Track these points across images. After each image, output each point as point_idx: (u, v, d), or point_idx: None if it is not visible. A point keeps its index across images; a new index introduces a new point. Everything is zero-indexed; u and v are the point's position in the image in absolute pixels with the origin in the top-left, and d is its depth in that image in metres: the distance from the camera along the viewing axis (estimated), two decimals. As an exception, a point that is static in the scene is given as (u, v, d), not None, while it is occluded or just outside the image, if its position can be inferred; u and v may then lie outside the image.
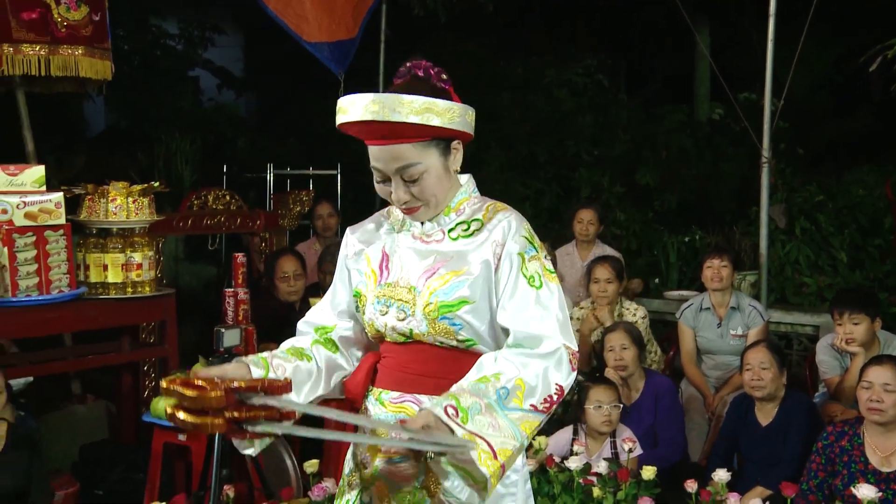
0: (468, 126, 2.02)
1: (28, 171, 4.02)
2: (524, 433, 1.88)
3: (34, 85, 4.99)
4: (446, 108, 1.95)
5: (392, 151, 1.96)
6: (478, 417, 1.83)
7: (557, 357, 1.94)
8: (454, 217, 2.09)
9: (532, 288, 1.99)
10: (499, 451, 1.82)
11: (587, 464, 3.71)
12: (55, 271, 3.99)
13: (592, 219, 5.89)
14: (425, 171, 1.99)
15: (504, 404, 1.88)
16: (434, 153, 2.00)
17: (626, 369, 4.53)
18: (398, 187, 2.01)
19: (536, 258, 2.03)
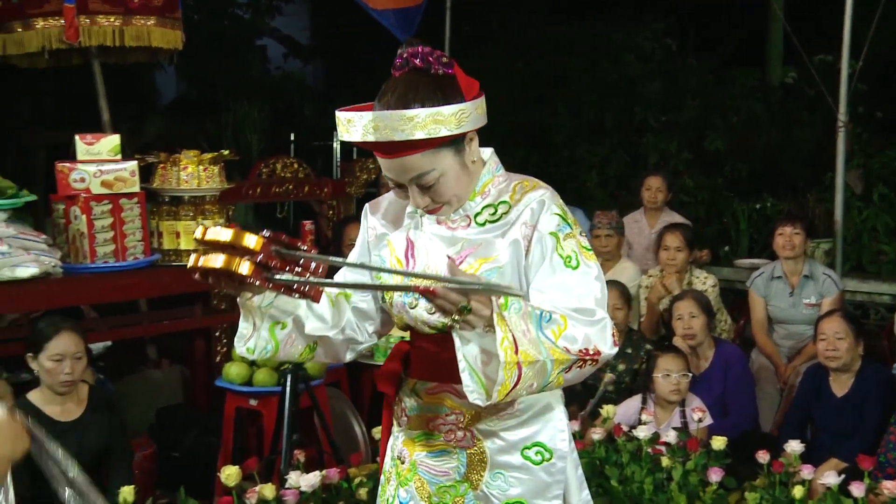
0: (480, 119, 1.89)
1: (104, 141, 4.10)
2: (551, 356, 1.76)
3: (109, 55, 5.09)
4: (453, 112, 1.81)
5: (402, 163, 1.85)
6: (514, 315, 1.73)
7: (602, 325, 1.86)
8: (480, 200, 1.98)
9: (569, 269, 1.90)
10: (522, 350, 1.72)
11: (656, 433, 3.68)
12: (130, 238, 4.08)
13: (661, 186, 5.82)
14: (441, 175, 1.88)
15: (542, 325, 1.78)
16: (447, 155, 1.87)
17: (694, 338, 4.47)
18: (415, 194, 1.91)
19: (571, 236, 1.93)
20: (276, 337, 1.95)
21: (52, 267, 3.77)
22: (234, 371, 4.06)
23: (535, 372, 1.75)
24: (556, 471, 2.03)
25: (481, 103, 1.89)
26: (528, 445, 2.02)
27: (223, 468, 3.23)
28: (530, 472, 2.02)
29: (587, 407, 4.32)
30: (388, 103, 1.82)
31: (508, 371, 1.70)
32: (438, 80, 1.85)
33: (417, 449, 2.08)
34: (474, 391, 1.75)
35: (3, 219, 3.65)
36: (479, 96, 1.89)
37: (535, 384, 1.78)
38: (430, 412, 2.04)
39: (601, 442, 3.62)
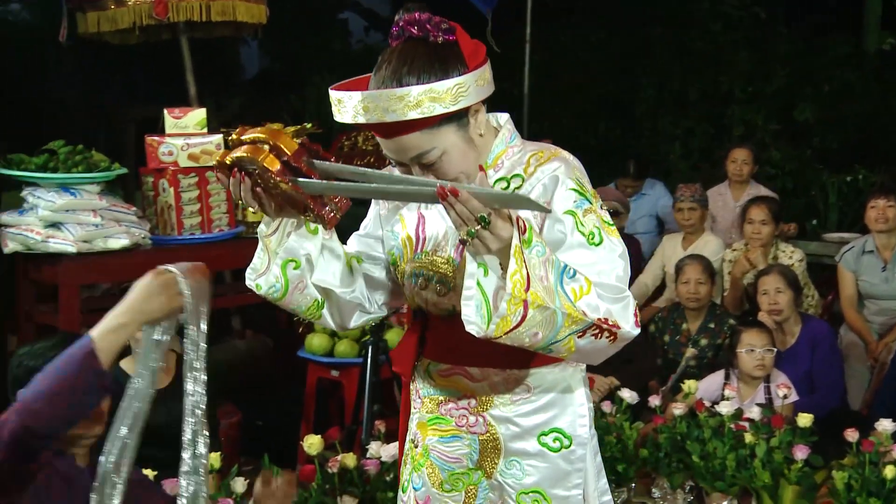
0: (484, 90, 1.75)
1: (191, 114, 4.18)
2: (564, 310, 1.62)
3: (195, 30, 5.17)
4: (448, 88, 1.67)
5: (399, 143, 1.73)
6: (535, 257, 1.60)
7: (625, 302, 1.72)
8: (492, 174, 1.85)
9: (593, 246, 1.76)
10: (533, 290, 1.58)
11: (739, 409, 3.62)
12: (216, 211, 4.16)
13: (747, 158, 5.69)
14: (443, 153, 1.74)
15: (563, 280, 1.64)
16: (449, 131, 1.74)
17: (780, 313, 4.38)
18: (418, 174, 1.78)
19: (591, 210, 1.78)
20: (286, 275, 1.89)
21: (141, 238, 3.88)
22: (316, 342, 4.13)
23: (544, 319, 1.62)
24: (576, 458, 1.94)
25: (484, 72, 1.74)
26: (546, 431, 1.93)
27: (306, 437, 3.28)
28: (547, 460, 1.93)
29: (668, 382, 4.29)
30: (382, 79, 1.70)
31: (513, 305, 1.58)
32: (437, 49, 1.71)
33: (429, 433, 2.02)
34: (474, 321, 1.62)
35: (97, 191, 3.76)
36: (483, 63, 1.74)
37: (541, 334, 1.64)
38: (442, 395, 1.99)
39: (682, 417, 3.58)
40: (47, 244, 3.62)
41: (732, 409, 3.56)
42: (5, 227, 3.72)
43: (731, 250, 5.22)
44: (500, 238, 1.57)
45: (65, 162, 3.69)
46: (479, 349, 1.77)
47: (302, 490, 3.18)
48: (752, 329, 4.09)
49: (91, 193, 3.72)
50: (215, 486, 3.15)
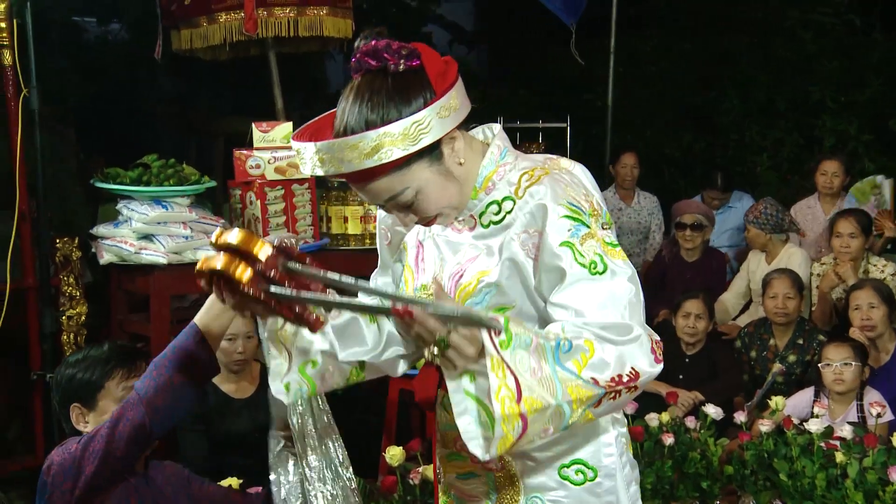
0: (449, 122, 1.59)
1: (278, 128, 4.27)
2: (568, 397, 1.50)
3: (283, 45, 5.28)
4: (406, 129, 1.53)
5: (369, 189, 1.63)
6: (521, 352, 1.48)
7: (639, 342, 1.59)
8: (483, 197, 1.72)
9: (596, 276, 1.62)
10: (526, 398, 1.46)
11: (829, 427, 3.53)
12: (301, 223, 4.23)
13: (838, 170, 5.55)
14: (417, 191, 1.63)
15: (560, 358, 1.51)
16: (421, 168, 1.62)
17: (874, 329, 4.25)
18: (398, 214, 1.69)
19: (590, 235, 1.64)
20: (307, 376, 1.83)
21: (229, 250, 3.96)
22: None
23: (548, 418, 1.51)
24: (604, 491, 1.78)
25: (451, 99, 1.58)
26: (567, 464, 1.78)
27: (388, 448, 3.31)
28: (571, 494, 1.78)
29: (754, 398, 4.20)
30: (338, 124, 1.61)
31: (508, 424, 1.47)
32: (399, 79, 1.58)
33: (448, 469, 1.94)
34: (475, 435, 1.52)
35: (187, 204, 3.86)
36: (452, 85, 1.59)
37: (552, 428, 1.54)
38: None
39: (769, 434, 3.51)
40: (140, 255, 3.74)
41: (822, 426, 3.48)
42: (101, 239, 3.85)
43: (820, 264, 5.09)
44: (464, 356, 1.48)
45: (157, 175, 3.81)
46: None
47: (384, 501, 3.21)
48: (833, 343, 4.00)
49: (182, 206, 3.83)
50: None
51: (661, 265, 5.55)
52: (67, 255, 3.94)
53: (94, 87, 8.11)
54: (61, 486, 2.14)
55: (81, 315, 3.93)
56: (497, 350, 1.46)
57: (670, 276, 5.44)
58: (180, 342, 2.00)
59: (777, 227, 5.16)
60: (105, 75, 8.48)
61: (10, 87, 3.81)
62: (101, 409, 2.32)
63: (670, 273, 5.45)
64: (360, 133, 1.54)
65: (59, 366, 2.47)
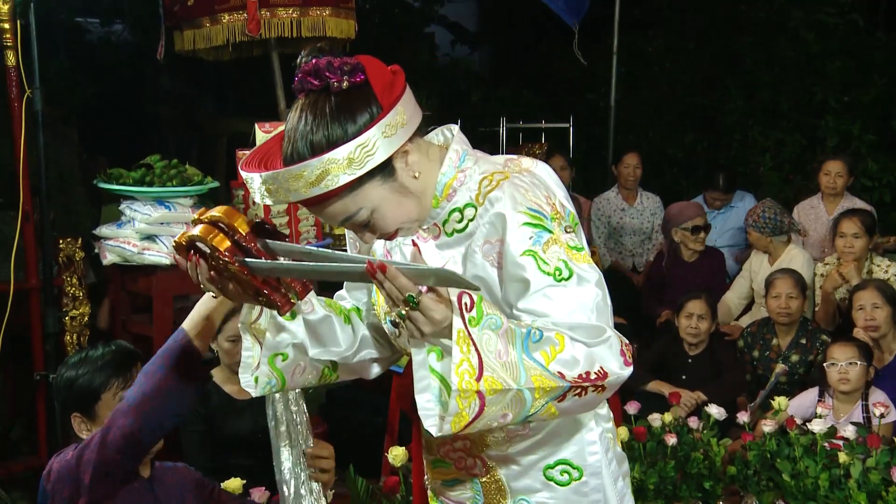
0: (397, 139, 1.54)
1: (281, 129, 4.26)
2: (531, 384, 1.47)
3: (285, 46, 5.28)
4: (350, 153, 1.49)
5: (324, 212, 1.60)
6: (489, 332, 1.45)
7: (608, 343, 1.56)
8: (445, 205, 1.67)
9: (562, 282, 1.58)
10: (487, 377, 1.44)
11: (833, 427, 3.53)
12: (304, 223, 4.24)
13: (841, 170, 5.54)
14: (372, 210, 1.59)
15: (528, 346, 1.48)
16: (373, 187, 1.57)
17: (877, 330, 4.25)
18: (357, 233, 1.65)
19: (553, 241, 1.59)
20: (276, 368, 1.80)
21: (232, 250, 3.97)
22: (402, 353, 4.15)
23: (508, 402, 1.48)
24: (591, 489, 1.76)
25: (397, 115, 1.54)
26: (551, 464, 1.76)
27: (391, 449, 3.31)
28: (557, 495, 1.76)
29: (757, 398, 4.20)
30: (284, 151, 1.57)
31: (464, 399, 1.44)
32: (342, 97, 1.53)
33: (434, 475, 1.92)
34: (433, 413, 1.49)
35: (190, 204, 3.87)
36: (399, 98, 1.56)
37: (511, 415, 1.50)
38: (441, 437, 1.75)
39: (772, 434, 3.51)
40: (143, 256, 3.74)
41: (825, 426, 3.47)
42: (104, 240, 3.86)
43: (823, 264, 5.09)
44: (432, 321, 1.44)
45: (160, 176, 3.81)
46: None
47: (387, 501, 3.21)
48: (838, 342, 4.00)
49: (185, 206, 3.83)
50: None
51: (661, 266, 5.55)
52: (70, 256, 3.95)
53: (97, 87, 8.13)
54: (61, 492, 2.16)
55: (84, 315, 3.93)
56: (465, 325, 1.44)
57: (671, 276, 5.44)
58: (168, 347, 2.00)
59: (777, 229, 5.15)
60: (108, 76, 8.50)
61: (14, 88, 3.81)
62: (100, 419, 2.32)
63: (671, 273, 5.45)
64: (303, 161, 1.50)
65: (60, 367, 2.48)
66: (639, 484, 3.38)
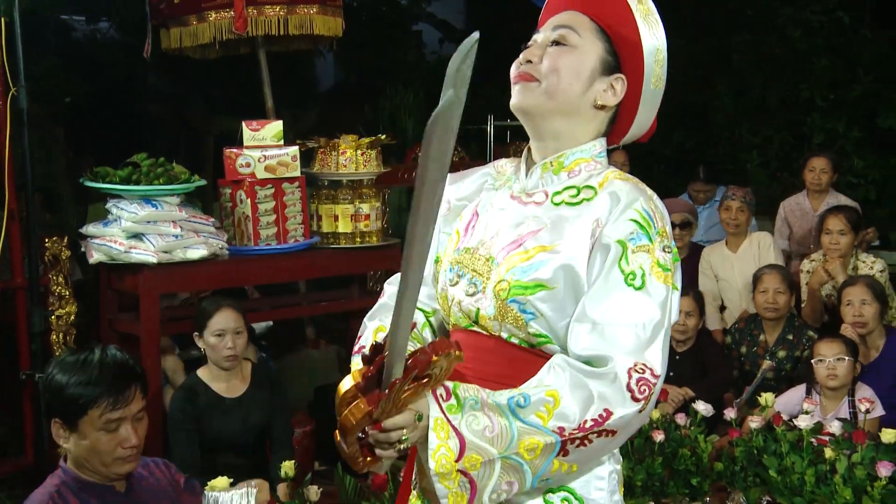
0: (646, 83, 1.72)
1: (268, 127, 4.26)
2: (516, 448, 1.51)
3: (273, 44, 5.27)
4: (659, 40, 1.73)
5: (565, 16, 1.73)
6: (472, 414, 1.51)
7: (610, 379, 1.53)
8: (565, 178, 1.71)
9: (630, 287, 1.56)
10: (468, 455, 1.49)
11: (819, 423, 3.54)
12: (291, 221, 4.22)
13: (825, 167, 5.56)
14: (576, 46, 1.69)
15: (517, 413, 1.52)
16: (598, 48, 1.70)
17: (865, 326, 4.27)
18: (535, 47, 1.72)
19: (645, 249, 1.58)
20: None
21: (219, 249, 3.96)
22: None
23: (501, 471, 1.52)
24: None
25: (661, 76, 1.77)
26: (554, 489, 1.68)
27: (379, 446, 3.31)
28: None
29: (744, 394, 4.22)
30: None
31: (449, 481, 1.50)
32: None
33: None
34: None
35: (177, 203, 3.85)
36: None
37: (516, 483, 1.54)
38: None
39: (759, 430, 3.52)
40: (129, 255, 3.72)
41: (811, 422, 3.49)
42: (91, 239, 3.84)
43: (809, 261, 5.11)
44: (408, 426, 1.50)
45: (147, 174, 3.79)
46: (484, 383, 1.60)
47: (375, 500, 3.21)
48: (825, 339, 4.01)
49: (171, 205, 3.81)
50: (289, 494, 3.20)
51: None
52: (56, 255, 3.93)
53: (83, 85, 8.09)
54: None
55: (70, 314, 3.91)
56: (444, 413, 1.49)
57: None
58: None
59: (753, 211, 5.26)
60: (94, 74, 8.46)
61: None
62: (82, 433, 2.27)
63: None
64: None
65: (50, 366, 2.40)
66: (627, 480, 3.38)
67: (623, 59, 1.72)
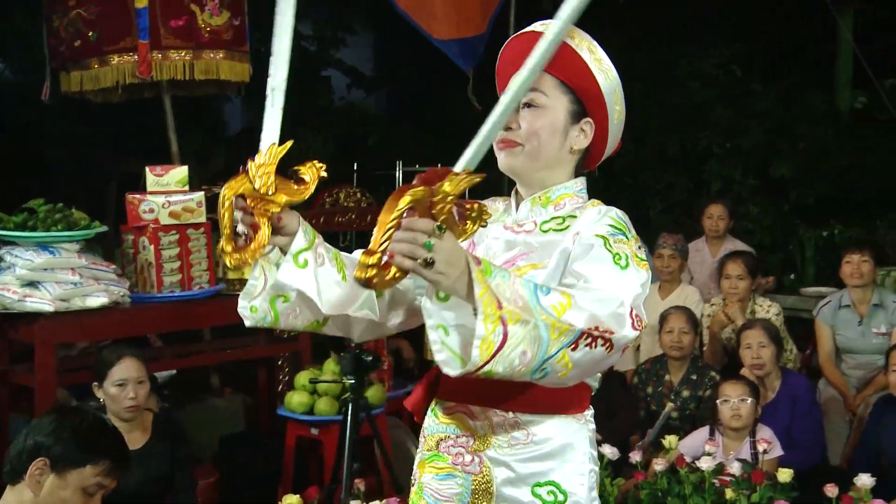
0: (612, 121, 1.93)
1: (173, 172, 4.20)
2: (547, 322, 1.55)
3: (178, 88, 5.21)
4: (614, 82, 1.91)
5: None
6: (499, 281, 1.55)
7: (619, 305, 1.66)
8: (552, 210, 1.91)
9: (617, 266, 1.73)
10: (506, 308, 1.52)
11: (720, 464, 3.62)
12: (196, 268, 4.16)
13: (722, 214, 5.76)
14: (545, 108, 1.87)
15: (539, 297, 1.58)
16: (564, 102, 1.89)
17: (763, 368, 4.40)
18: (511, 113, 1.84)
19: (624, 242, 1.77)
20: (275, 309, 1.89)
21: (120, 296, 3.87)
22: (296, 400, 4.11)
23: (527, 335, 1.54)
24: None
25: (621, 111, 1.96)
26: (541, 483, 1.86)
27: (284, 497, 3.26)
28: None
29: (647, 436, 4.28)
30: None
31: (490, 324, 1.50)
32: None
33: (427, 470, 2.00)
34: (451, 365, 1.56)
35: (76, 249, 3.75)
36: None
37: (530, 352, 1.55)
38: (442, 433, 1.97)
39: (663, 473, 3.57)
40: (24, 303, 3.61)
41: (713, 464, 3.56)
42: (-17, 287, 3.70)
43: (710, 305, 5.25)
44: (452, 268, 1.54)
45: (44, 220, 3.69)
46: (484, 388, 1.77)
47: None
48: (730, 380, 4.11)
49: (70, 252, 3.72)
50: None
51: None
52: (-53, 303, 3.77)
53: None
54: None
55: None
56: (478, 272, 1.54)
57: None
58: None
59: (686, 257, 5.35)
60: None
61: None
62: (66, 482, 2.27)
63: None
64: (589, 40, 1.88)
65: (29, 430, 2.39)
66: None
67: (587, 105, 1.92)
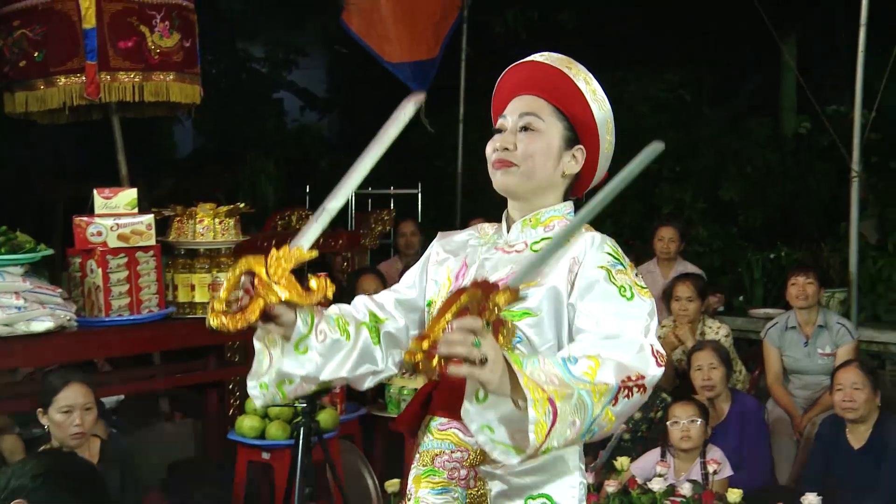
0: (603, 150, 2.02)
1: (121, 195, 4.15)
2: (587, 390, 1.63)
3: (127, 110, 5.16)
4: (607, 112, 2.01)
5: (527, 100, 1.99)
6: (532, 368, 1.60)
7: (637, 346, 1.75)
8: (541, 231, 1.99)
9: (623, 298, 1.82)
10: (549, 389, 1.59)
11: (671, 486, 3.65)
12: (145, 291, 4.10)
13: (673, 236, 5.82)
14: (540, 132, 1.96)
15: (570, 368, 1.65)
16: (559, 128, 1.98)
17: (713, 389, 4.44)
18: (507, 134, 1.98)
19: (624, 272, 1.86)
20: (283, 391, 1.97)
21: (67, 321, 3.80)
22: (248, 424, 4.06)
23: (574, 406, 1.62)
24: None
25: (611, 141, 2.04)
26: (535, 496, 1.91)
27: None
28: None
29: (598, 458, 4.30)
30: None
31: (541, 407, 1.57)
32: None
33: (423, 485, 2.02)
34: (500, 452, 1.65)
35: (20, 273, 3.69)
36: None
37: (578, 421, 1.63)
38: (437, 448, 2.00)
39: (615, 495, 3.59)
40: (-34, 328, 3.53)
41: (665, 485, 3.58)
42: (-77, 312, 3.62)
43: (661, 327, 5.30)
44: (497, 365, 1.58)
45: (-13, 244, 3.62)
46: None
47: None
48: (680, 401, 4.15)
49: (14, 276, 3.65)
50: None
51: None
52: None
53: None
54: None
55: None
56: (514, 364, 1.59)
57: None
58: None
59: None
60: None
61: None
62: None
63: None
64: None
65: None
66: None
67: (580, 133, 2.01)
